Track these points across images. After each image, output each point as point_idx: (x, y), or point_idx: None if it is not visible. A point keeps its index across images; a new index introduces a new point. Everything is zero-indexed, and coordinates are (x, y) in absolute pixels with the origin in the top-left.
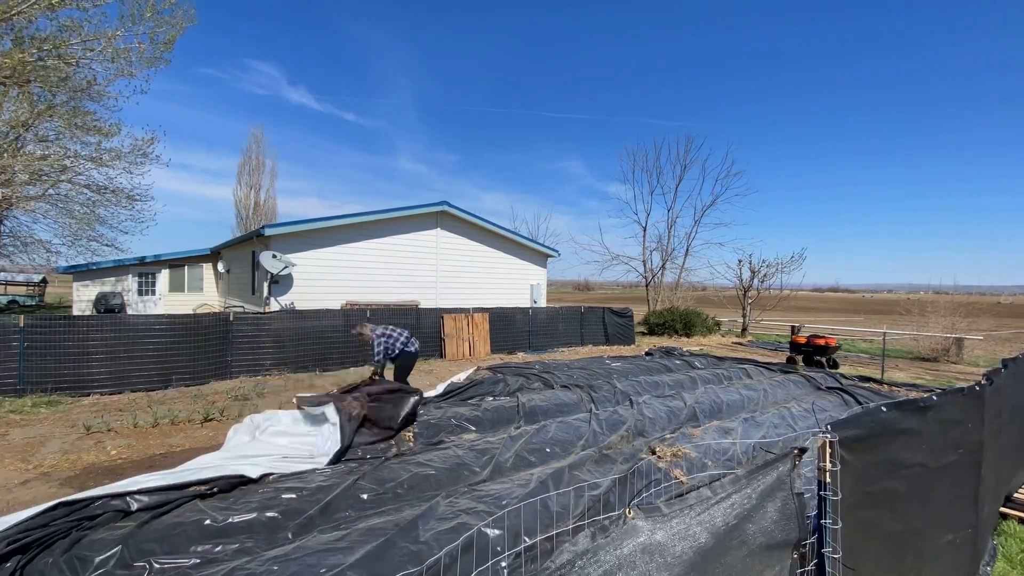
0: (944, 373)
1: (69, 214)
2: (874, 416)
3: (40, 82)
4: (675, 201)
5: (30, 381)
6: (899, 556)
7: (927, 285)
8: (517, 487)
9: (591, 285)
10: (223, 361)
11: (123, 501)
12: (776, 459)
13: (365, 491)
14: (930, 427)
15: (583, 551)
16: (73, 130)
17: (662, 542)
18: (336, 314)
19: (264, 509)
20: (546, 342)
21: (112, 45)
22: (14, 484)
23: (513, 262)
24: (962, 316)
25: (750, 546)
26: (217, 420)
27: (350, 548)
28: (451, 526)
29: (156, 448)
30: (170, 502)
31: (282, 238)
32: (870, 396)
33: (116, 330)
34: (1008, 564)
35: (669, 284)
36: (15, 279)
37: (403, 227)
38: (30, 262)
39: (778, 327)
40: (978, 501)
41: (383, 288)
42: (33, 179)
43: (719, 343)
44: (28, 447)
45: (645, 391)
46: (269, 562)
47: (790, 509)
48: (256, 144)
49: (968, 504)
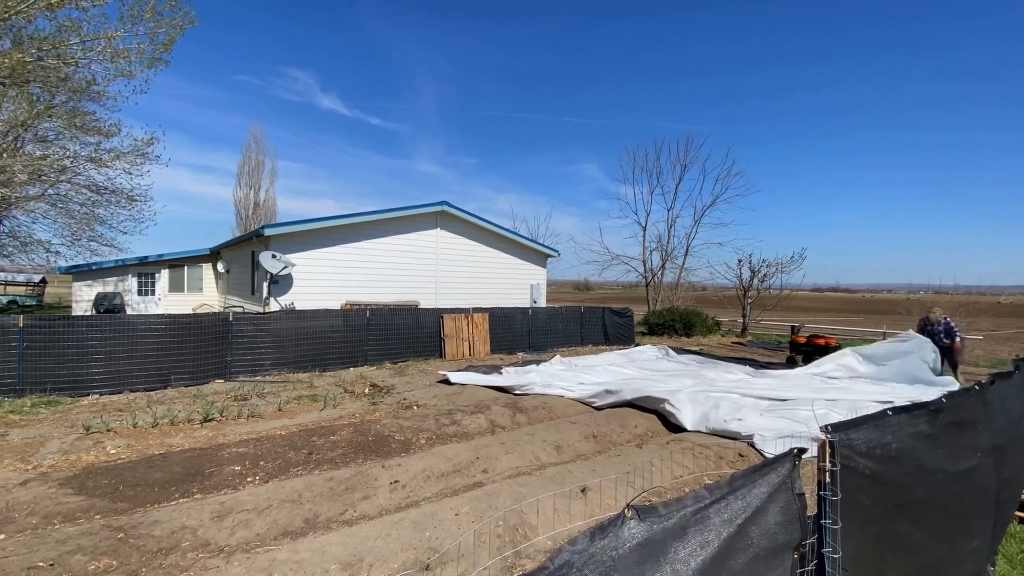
0: (944, 373)
1: (69, 214)
2: (877, 418)
3: (39, 82)
4: (675, 201)
5: (29, 381)
6: (900, 558)
7: (927, 285)
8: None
9: (591, 285)
10: (223, 361)
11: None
12: (776, 459)
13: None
14: (938, 429)
15: (582, 551)
16: (73, 130)
17: (660, 543)
18: (336, 314)
19: None
20: (546, 342)
21: (112, 45)
22: (13, 484)
23: (513, 262)
24: (962, 316)
25: (750, 547)
26: (217, 420)
27: None
28: None
29: (155, 448)
30: None
31: (282, 238)
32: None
33: (115, 330)
34: (1008, 564)
35: (669, 284)
36: (15, 279)
37: (403, 227)
38: (30, 262)
39: (778, 327)
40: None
41: (383, 288)
42: (33, 179)
43: (719, 343)
44: (27, 447)
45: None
46: None
47: (791, 510)
48: (256, 144)
49: (977, 507)
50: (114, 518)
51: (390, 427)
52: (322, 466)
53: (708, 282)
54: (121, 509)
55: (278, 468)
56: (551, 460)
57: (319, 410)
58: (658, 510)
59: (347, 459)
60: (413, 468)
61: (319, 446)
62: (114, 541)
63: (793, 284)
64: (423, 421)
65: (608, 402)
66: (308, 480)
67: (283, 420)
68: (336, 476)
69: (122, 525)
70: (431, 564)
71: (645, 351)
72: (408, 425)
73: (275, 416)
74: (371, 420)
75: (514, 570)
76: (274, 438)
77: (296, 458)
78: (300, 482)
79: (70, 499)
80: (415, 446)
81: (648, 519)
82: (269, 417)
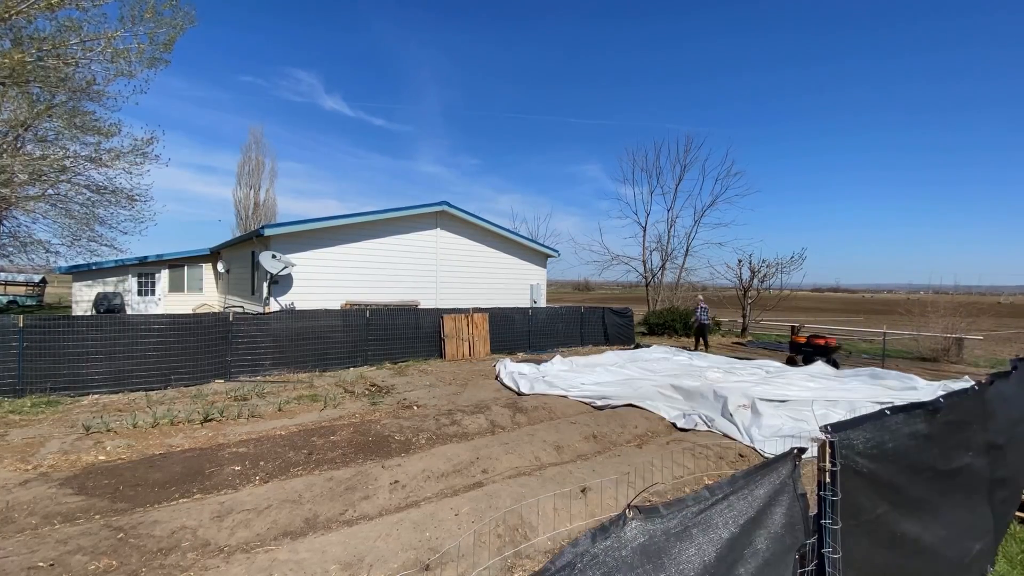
0: (944, 373)
1: (69, 214)
2: (876, 418)
3: (39, 82)
4: (675, 201)
5: (29, 381)
6: (900, 558)
7: (927, 285)
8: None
9: (591, 285)
10: (223, 361)
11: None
12: (776, 459)
13: None
14: (936, 429)
15: (583, 552)
16: (73, 130)
17: (661, 544)
18: (336, 314)
19: None
20: (546, 342)
21: (112, 45)
22: (13, 484)
23: (513, 262)
24: (962, 316)
25: (751, 547)
26: (217, 420)
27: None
28: None
29: (155, 448)
30: None
31: (282, 238)
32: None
33: (115, 330)
34: (1008, 564)
35: (669, 284)
36: (15, 279)
37: (403, 227)
38: (30, 262)
39: (778, 327)
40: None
41: (383, 288)
42: (33, 179)
43: (719, 343)
44: (27, 447)
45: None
46: None
47: (792, 510)
48: (256, 144)
49: (978, 507)
50: (114, 518)
51: (390, 427)
52: (322, 466)
53: (708, 282)
54: (121, 509)
55: (278, 468)
56: (551, 460)
57: (319, 410)
58: (660, 510)
59: (347, 459)
60: (413, 468)
61: (319, 446)
62: (114, 541)
63: (793, 284)
64: (423, 421)
65: (608, 402)
66: (308, 480)
67: (283, 420)
68: (336, 476)
69: (122, 525)
70: (431, 564)
71: (645, 351)
72: (408, 425)
73: (275, 416)
74: (371, 420)
75: (514, 570)
76: (274, 438)
77: (296, 458)
78: (300, 482)
79: (70, 499)
80: (415, 446)
81: (650, 519)
82: (269, 417)
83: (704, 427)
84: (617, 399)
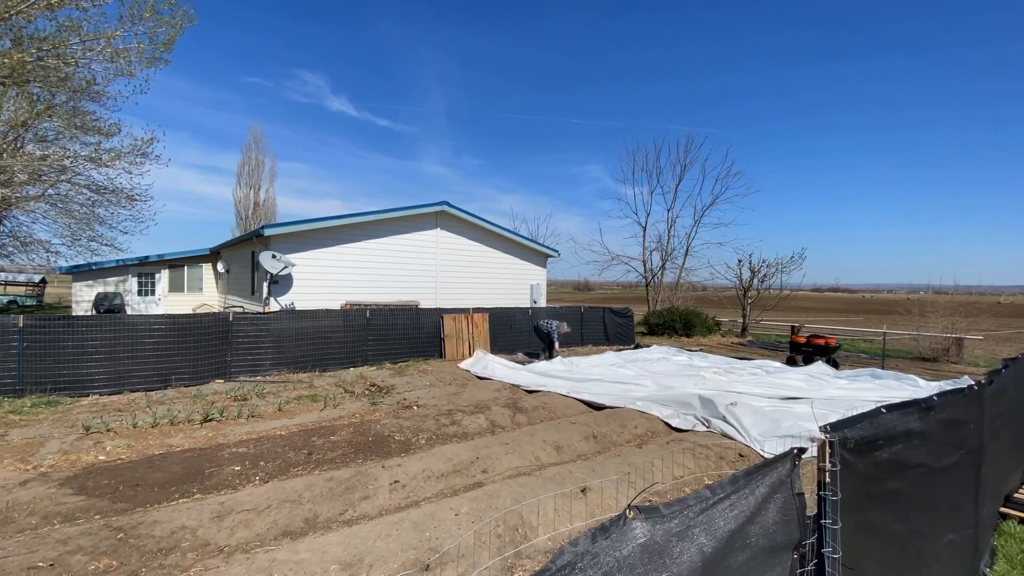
0: (944, 373)
1: (69, 214)
2: (873, 417)
3: (39, 82)
4: (675, 201)
5: (29, 381)
6: (899, 556)
7: (927, 285)
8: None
9: (591, 285)
10: (223, 361)
11: None
12: (776, 459)
13: None
14: (931, 427)
15: (583, 552)
16: (73, 130)
17: (662, 543)
18: (336, 314)
19: None
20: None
21: (112, 45)
22: (13, 484)
23: (513, 262)
24: (962, 316)
25: (750, 547)
26: (217, 420)
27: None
28: None
29: (155, 448)
30: None
31: (282, 238)
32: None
33: (115, 330)
34: (1008, 564)
35: (669, 284)
36: (15, 279)
37: (403, 227)
38: (30, 262)
39: (778, 327)
40: (978, 501)
41: (383, 288)
42: (33, 179)
43: (719, 343)
44: (27, 447)
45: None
46: None
47: (791, 509)
48: (256, 144)
49: (968, 504)
50: (114, 518)
51: (390, 427)
52: (322, 466)
53: (708, 282)
54: (121, 509)
55: (278, 468)
56: (551, 460)
57: (319, 410)
58: (660, 510)
59: (347, 459)
60: (413, 468)
61: (319, 446)
62: (114, 541)
63: (793, 284)
64: (423, 421)
65: (608, 402)
66: (308, 480)
67: (283, 420)
68: (336, 476)
69: (122, 525)
70: (431, 564)
71: (645, 351)
72: (408, 425)
73: (275, 416)
74: (371, 420)
75: (514, 570)
76: (274, 438)
77: (296, 458)
78: (300, 482)
79: (70, 499)
80: (415, 446)
81: (650, 519)
82: (269, 417)
83: (703, 427)
84: (616, 402)
